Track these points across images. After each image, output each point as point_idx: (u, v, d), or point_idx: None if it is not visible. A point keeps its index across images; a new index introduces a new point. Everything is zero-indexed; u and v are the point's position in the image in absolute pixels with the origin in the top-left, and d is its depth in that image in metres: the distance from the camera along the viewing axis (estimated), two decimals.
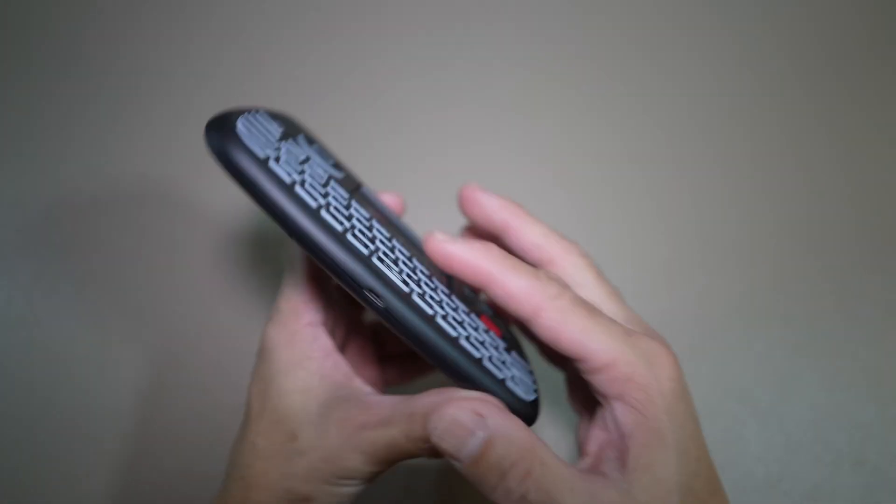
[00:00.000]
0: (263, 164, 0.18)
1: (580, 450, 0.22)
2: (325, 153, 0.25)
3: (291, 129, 0.23)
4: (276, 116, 0.23)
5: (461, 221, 0.27)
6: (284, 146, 0.21)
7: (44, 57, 0.39)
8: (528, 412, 0.21)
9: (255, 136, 0.19)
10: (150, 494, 0.32)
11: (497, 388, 0.20)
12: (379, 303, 0.19)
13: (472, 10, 0.42)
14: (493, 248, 0.21)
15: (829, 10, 0.42)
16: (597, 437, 0.21)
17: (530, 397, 0.21)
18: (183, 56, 0.40)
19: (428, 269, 0.22)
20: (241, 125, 0.19)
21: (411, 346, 0.19)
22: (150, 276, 0.35)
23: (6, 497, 0.31)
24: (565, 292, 0.20)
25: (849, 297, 0.36)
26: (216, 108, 0.21)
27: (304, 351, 0.22)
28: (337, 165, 0.24)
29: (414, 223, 0.38)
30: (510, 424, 0.19)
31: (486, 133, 0.39)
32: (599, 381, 0.20)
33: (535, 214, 0.25)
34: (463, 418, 0.18)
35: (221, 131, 0.18)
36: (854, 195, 0.38)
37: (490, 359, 0.20)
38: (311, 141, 0.24)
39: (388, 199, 0.28)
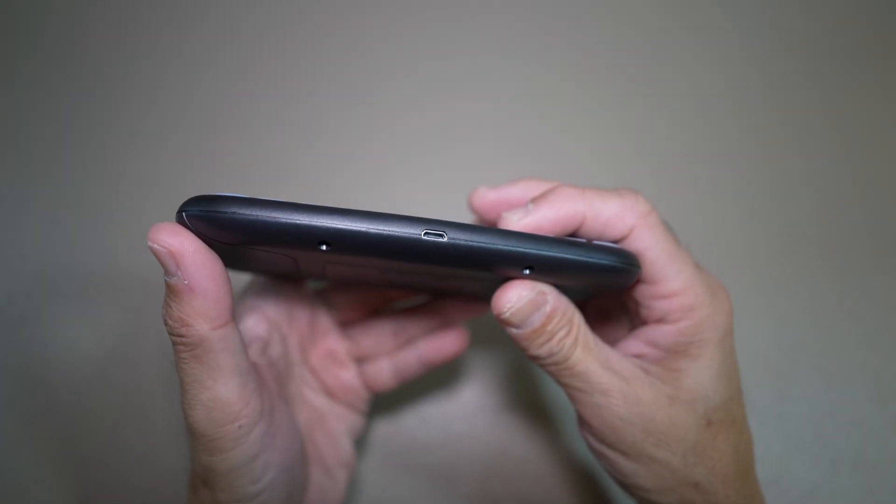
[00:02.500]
0: (261, 202, 0.17)
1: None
2: None
3: None
4: None
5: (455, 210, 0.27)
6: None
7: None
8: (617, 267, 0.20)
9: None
10: (151, 493, 0.32)
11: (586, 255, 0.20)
12: (442, 238, 0.18)
13: (474, 7, 0.42)
14: (564, 188, 0.21)
15: (837, 9, 0.42)
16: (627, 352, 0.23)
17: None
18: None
19: None
20: (205, 194, 0.18)
21: (487, 268, 0.19)
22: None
23: (6, 497, 0.32)
24: (653, 209, 0.21)
25: (849, 297, 0.36)
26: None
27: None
28: None
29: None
30: (563, 298, 0.21)
31: (481, 130, 0.39)
32: (661, 306, 0.21)
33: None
34: (532, 296, 0.20)
35: (199, 203, 0.18)
36: (857, 195, 0.38)
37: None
38: None
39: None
